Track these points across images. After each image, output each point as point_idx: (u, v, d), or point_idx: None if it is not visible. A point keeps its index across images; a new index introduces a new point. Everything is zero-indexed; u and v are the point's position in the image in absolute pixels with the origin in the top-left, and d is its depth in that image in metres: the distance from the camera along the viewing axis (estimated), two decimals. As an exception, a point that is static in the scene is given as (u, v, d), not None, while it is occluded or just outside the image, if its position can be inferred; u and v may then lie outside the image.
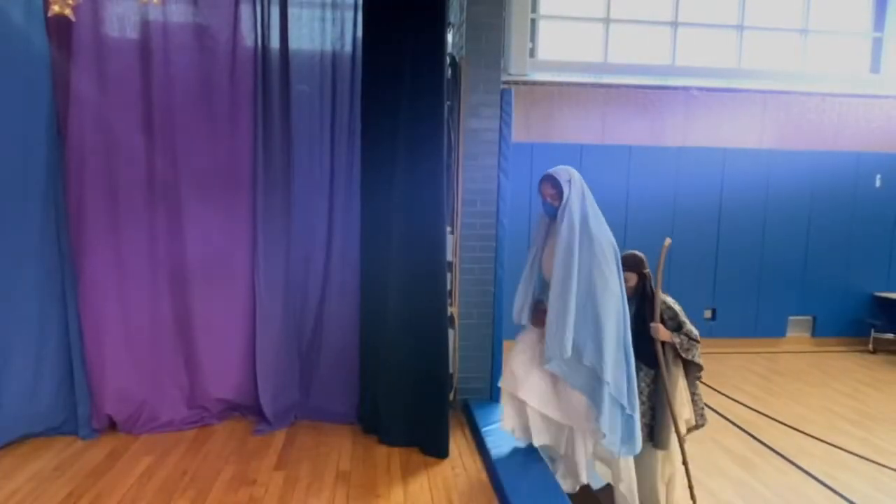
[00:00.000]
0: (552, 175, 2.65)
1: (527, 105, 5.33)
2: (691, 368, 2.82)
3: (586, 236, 2.53)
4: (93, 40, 3.03)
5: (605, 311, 2.50)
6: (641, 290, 2.83)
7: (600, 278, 2.51)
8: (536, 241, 2.78)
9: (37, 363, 3.05)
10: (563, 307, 2.49)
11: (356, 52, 3.30)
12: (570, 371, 2.55)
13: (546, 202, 2.67)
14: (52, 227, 3.05)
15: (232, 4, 3.20)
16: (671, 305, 2.83)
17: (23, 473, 2.74)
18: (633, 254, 2.85)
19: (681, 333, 2.78)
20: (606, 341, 2.48)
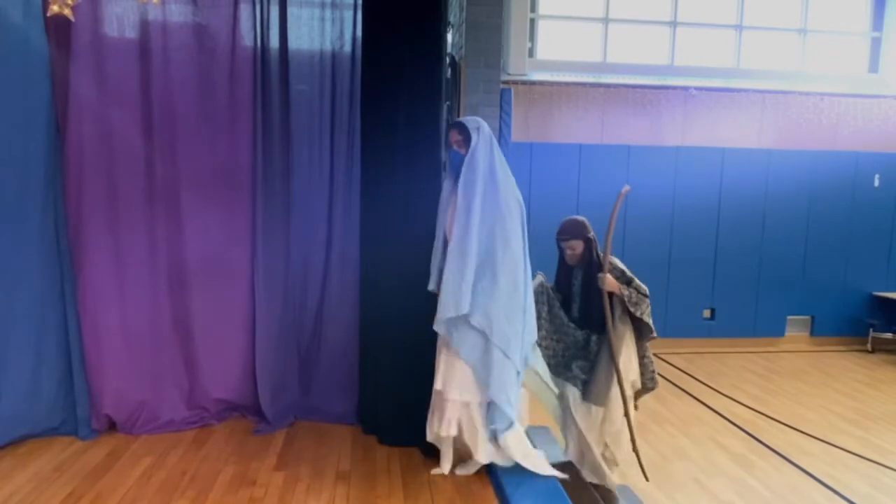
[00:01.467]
0: (460, 121, 2.59)
1: (526, 105, 5.33)
2: (643, 330, 2.74)
3: (492, 188, 2.43)
4: (92, 40, 3.03)
5: (503, 271, 2.42)
6: (588, 256, 2.76)
7: (501, 236, 2.42)
8: (443, 203, 2.65)
9: (36, 363, 3.04)
10: (461, 259, 2.39)
11: (356, 51, 3.30)
12: (459, 335, 2.46)
13: (452, 149, 2.58)
14: (51, 228, 3.04)
15: (231, 4, 3.19)
16: (616, 264, 2.79)
17: (22, 474, 2.74)
18: (575, 219, 2.79)
19: (630, 287, 2.72)
20: (498, 304, 2.39)
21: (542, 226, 5.09)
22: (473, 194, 2.40)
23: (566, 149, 5.29)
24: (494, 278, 2.42)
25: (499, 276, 2.42)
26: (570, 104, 5.46)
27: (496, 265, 2.42)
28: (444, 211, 2.61)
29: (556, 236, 2.81)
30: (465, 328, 2.46)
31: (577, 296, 2.84)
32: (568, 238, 2.79)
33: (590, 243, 2.77)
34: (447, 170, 2.64)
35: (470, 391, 2.53)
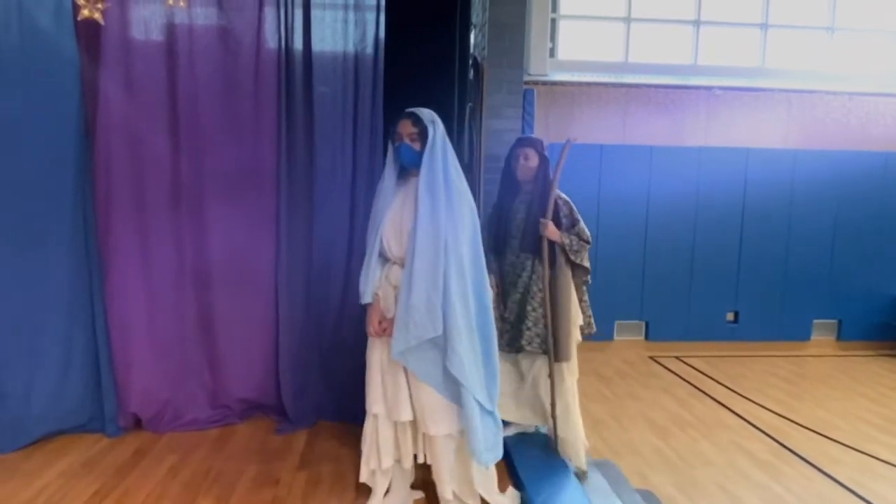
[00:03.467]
0: (414, 111, 2.25)
1: (546, 105, 5.30)
2: (578, 272, 2.74)
3: (448, 192, 2.16)
4: (120, 43, 3.07)
5: (452, 284, 2.13)
6: (542, 177, 2.74)
7: (454, 247, 2.14)
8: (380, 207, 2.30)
9: (65, 362, 3.10)
10: (433, 272, 2.11)
11: (378, 53, 3.30)
12: (416, 357, 2.17)
13: (404, 144, 2.21)
14: (80, 229, 3.09)
15: (256, 7, 3.22)
16: (567, 200, 2.76)
17: (52, 470, 2.79)
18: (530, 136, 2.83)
19: (571, 233, 2.70)
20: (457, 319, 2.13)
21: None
22: (438, 199, 2.13)
23: (587, 149, 5.25)
24: (448, 295, 2.14)
25: (451, 293, 2.14)
26: (591, 104, 5.43)
27: (448, 281, 2.14)
28: (382, 215, 2.28)
29: (514, 143, 2.81)
30: (423, 346, 2.17)
31: (519, 230, 2.78)
32: (525, 145, 2.76)
33: (544, 165, 2.73)
34: (390, 167, 2.30)
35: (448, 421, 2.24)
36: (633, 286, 5.37)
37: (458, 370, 2.13)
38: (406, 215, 2.21)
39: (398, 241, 2.25)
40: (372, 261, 2.27)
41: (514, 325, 2.81)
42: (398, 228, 2.24)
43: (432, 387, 2.20)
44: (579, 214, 2.72)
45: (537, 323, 2.74)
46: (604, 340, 5.38)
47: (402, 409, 2.28)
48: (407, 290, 2.13)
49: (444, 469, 2.30)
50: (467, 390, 2.15)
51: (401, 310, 2.14)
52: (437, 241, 2.11)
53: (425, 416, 2.24)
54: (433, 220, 2.13)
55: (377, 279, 2.29)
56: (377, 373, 2.35)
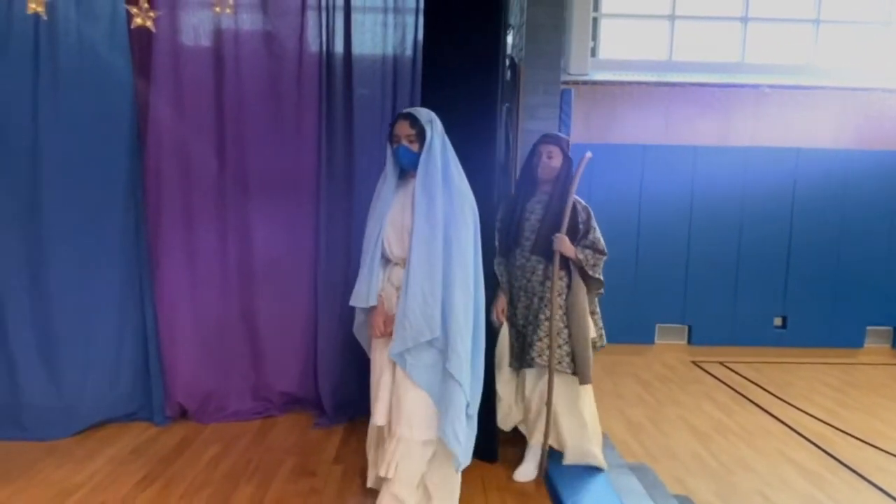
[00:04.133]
0: (411, 112, 2.22)
1: (587, 105, 5.25)
2: (592, 284, 2.61)
3: (446, 192, 2.13)
4: (170, 49, 3.20)
5: (458, 288, 2.10)
6: (564, 178, 2.58)
7: (457, 248, 2.11)
8: (378, 208, 2.28)
9: (117, 353, 3.26)
10: (430, 275, 2.08)
11: (416, 55, 3.35)
12: (412, 358, 2.12)
13: (402, 146, 2.18)
14: (132, 228, 3.25)
15: (299, 12, 3.30)
16: (586, 206, 2.63)
17: (102, 456, 2.94)
18: (556, 133, 2.70)
19: (585, 243, 2.56)
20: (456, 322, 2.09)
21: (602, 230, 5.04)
22: (435, 199, 2.09)
23: (629, 149, 5.18)
24: (450, 296, 2.11)
25: (454, 293, 2.11)
26: (633, 104, 5.35)
27: (451, 280, 2.11)
28: (381, 217, 2.25)
29: (538, 140, 2.68)
30: (421, 347, 2.13)
31: (533, 231, 2.63)
32: (550, 142, 2.61)
33: (567, 165, 2.58)
34: (389, 169, 2.27)
35: (428, 427, 2.16)
36: (675, 289, 5.26)
37: (458, 371, 2.10)
38: (407, 216, 2.18)
39: (399, 242, 2.22)
40: (375, 262, 2.23)
41: (524, 336, 2.67)
42: (399, 229, 2.21)
43: (426, 391, 2.13)
44: (596, 222, 2.59)
45: (549, 334, 2.56)
46: (644, 344, 5.29)
47: (379, 412, 2.24)
48: (404, 292, 2.11)
49: (414, 479, 2.19)
50: (462, 391, 2.11)
51: (399, 312, 2.12)
52: (433, 241, 2.08)
53: (411, 420, 2.13)
54: (429, 221, 2.09)
55: (380, 281, 2.25)
56: (376, 376, 2.31)
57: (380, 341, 2.28)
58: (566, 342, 2.57)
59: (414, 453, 2.16)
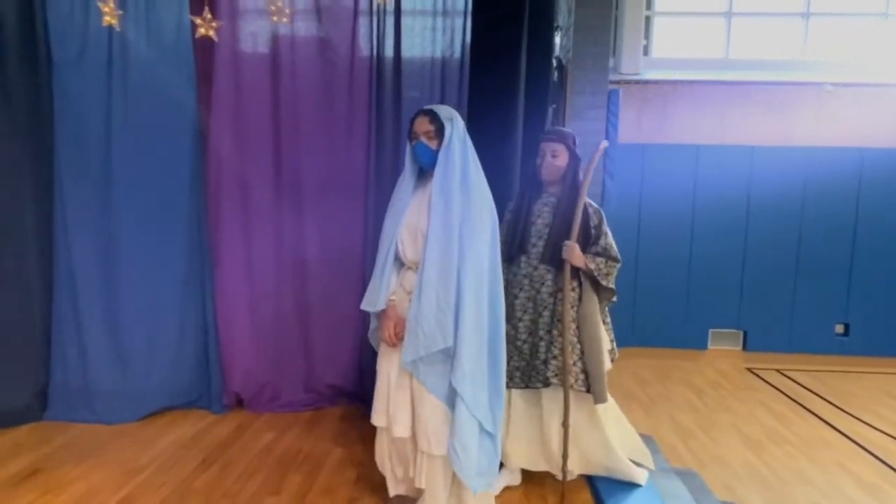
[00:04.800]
0: (431, 109, 2.12)
1: (638, 105, 5.17)
2: (604, 294, 2.41)
3: (464, 193, 2.03)
4: (230, 56, 3.35)
5: (467, 291, 1.98)
6: (571, 178, 2.36)
7: (471, 252, 2.00)
8: (395, 208, 2.19)
9: (179, 345, 3.46)
10: (446, 280, 1.97)
11: (464, 57, 3.39)
12: (425, 367, 2.03)
13: (420, 143, 2.09)
14: (194, 226, 3.44)
15: (351, 18, 3.40)
16: (598, 209, 2.42)
17: (165, 439, 3.12)
18: (560, 128, 2.46)
19: (595, 254, 2.34)
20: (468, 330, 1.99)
21: (652, 233, 4.97)
22: (452, 201, 2.00)
23: (682, 150, 5.06)
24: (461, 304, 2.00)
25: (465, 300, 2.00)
26: (687, 103, 5.22)
27: (463, 287, 2.00)
28: (398, 217, 2.16)
29: (541, 137, 2.46)
30: (434, 355, 2.03)
31: (540, 237, 2.42)
32: (554, 139, 2.37)
33: (574, 163, 2.34)
34: (408, 167, 2.19)
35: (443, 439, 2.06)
36: (730, 293, 5.11)
37: (461, 384, 1.99)
38: (422, 218, 2.09)
39: (413, 245, 2.12)
40: (387, 266, 2.13)
41: (532, 354, 2.43)
42: (413, 232, 2.11)
43: (440, 401, 2.04)
44: (608, 226, 2.38)
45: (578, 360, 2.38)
46: (696, 349, 5.16)
47: (399, 424, 2.13)
48: (417, 297, 2.00)
49: (440, 492, 2.12)
50: (466, 406, 1.99)
51: (410, 318, 2.02)
52: (449, 245, 1.98)
53: (428, 432, 2.05)
54: (445, 223, 1.99)
55: (392, 285, 2.16)
56: (384, 383, 2.21)
57: (387, 348, 2.19)
58: (579, 358, 2.36)
59: (436, 466, 2.09)
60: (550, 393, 2.43)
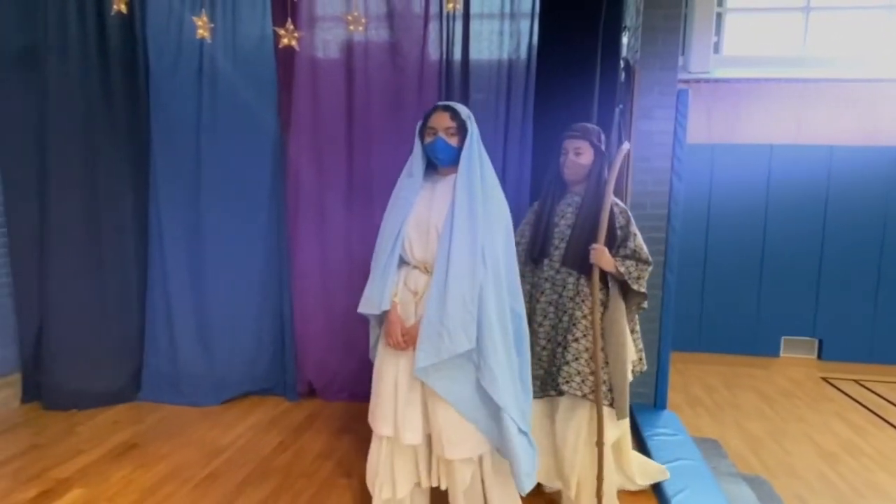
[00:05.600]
0: (450, 104, 2.05)
1: (709, 104, 5.06)
2: (633, 299, 2.23)
3: (484, 190, 1.98)
4: (309, 63, 3.53)
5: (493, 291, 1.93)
6: (596, 176, 2.22)
7: (490, 249, 1.94)
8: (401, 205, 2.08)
9: (258, 335, 3.69)
10: (470, 279, 1.89)
11: (531, 59, 3.43)
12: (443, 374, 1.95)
13: (440, 139, 2.01)
14: (274, 224, 3.65)
15: (422, 23, 3.51)
16: (624, 209, 2.27)
17: (245, 423, 3.35)
18: (585, 124, 2.31)
19: (624, 257, 2.17)
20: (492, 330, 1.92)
21: (722, 235, 4.84)
22: (475, 200, 1.94)
23: (755, 149, 4.91)
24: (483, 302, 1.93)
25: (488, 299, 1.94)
26: (760, 102, 5.06)
27: (485, 286, 1.94)
28: (400, 217, 2.06)
29: (563, 135, 2.32)
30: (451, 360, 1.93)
31: (562, 238, 2.29)
32: (577, 136, 2.23)
33: (599, 161, 2.20)
34: (417, 164, 2.11)
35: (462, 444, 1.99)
36: (805, 299, 4.91)
37: (492, 387, 1.92)
38: (435, 215, 2.00)
39: (422, 244, 2.03)
40: (391, 265, 2.03)
41: (550, 361, 2.32)
42: (424, 230, 2.02)
43: (457, 406, 1.96)
44: (636, 227, 2.24)
45: (579, 357, 2.22)
46: (768, 356, 4.99)
47: (411, 430, 2.04)
48: (440, 297, 1.90)
49: (460, 496, 2.08)
50: (504, 411, 1.94)
51: (431, 320, 1.90)
52: (474, 244, 1.91)
53: (443, 438, 1.98)
54: (471, 221, 1.92)
55: (394, 285, 2.06)
56: (389, 389, 2.07)
57: (389, 351, 2.07)
58: (602, 368, 2.20)
59: (454, 472, 2.04)
60: (566, 402, 2.30)
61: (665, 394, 3.46)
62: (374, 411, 2.12)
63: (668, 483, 2.54)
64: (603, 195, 2.20)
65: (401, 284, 2.08)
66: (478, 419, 1.99)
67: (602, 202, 2.19)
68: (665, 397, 3.46)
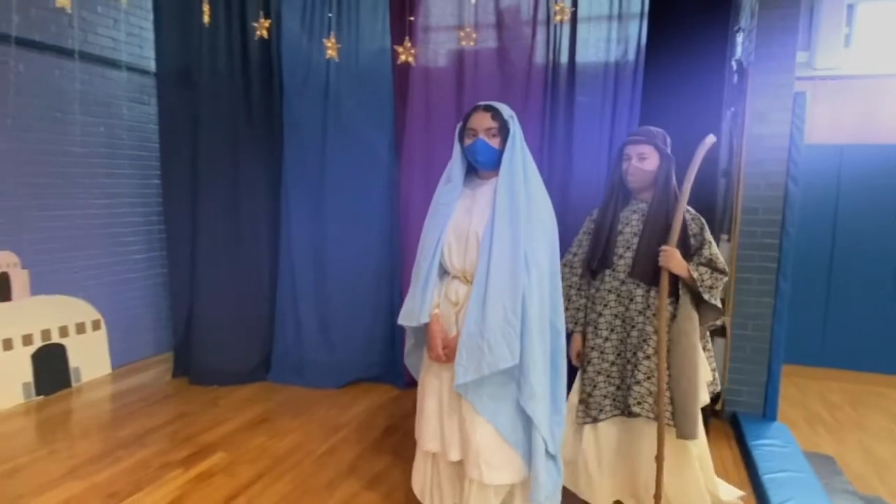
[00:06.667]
0: (491, 104, 1.92)
1: (835, 102, 4.74)
2: (707, 313, 2.07)
3: (527, 195, 1.85)
4: (423, 74, 3.76)
5: (532, 302, 1.80)
6: (664, 181, 2.05)
7: (533, 258, 1.81)
8: (440, 212, 1.99)
9: (371, 326, 4.01)
10: (512, 291, 1.78)
11: (639, 60, 3.43)
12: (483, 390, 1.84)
13: (480, 140, 1.89)
14: (387, 225, 3.95)
15: (530, 29, 3.60)
16: (696, 215, 2.11)
17: (358, 405, 3.67)
18: (648, 127, 2.15)
19: (698, 262, 2.00)
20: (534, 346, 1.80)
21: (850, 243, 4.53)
22: (518, 205, 1.82)
23: (888, 151, 4.55)
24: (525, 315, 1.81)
25: (530, 312, 1.81)
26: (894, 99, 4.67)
27: (528, 298, 1.82)
28: (441, 224, 1.97)
29: (625, 140, 2.18)
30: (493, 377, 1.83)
31: (628, 248, 2.14)
32: (641, 140, 2.08)
33: (666, 166, 2.04)
34: (456, 167, 2.01)
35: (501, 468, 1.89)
36: (948, 313, 4.48)
37: (532, 406, 1.82)
38: (476, 222, 1.91)
39: (461, 252, 1.94)
40: (431, 276, 1.94)
41: (621, 378, 2.19)
42: (464, 237, 1.92)
43: (497, 427, 1.85)
44: (710, 234, 2.09)
45: (651, 376, 2.08)
46: (899, 374, 4.60)
47: (455, 447, 1.96)
48: (479, 309, 1.80)
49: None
50: (537, 430, 1.83)
51: (471, 332, 1.81)
52: (516, 252, 1.80)
53: (481, 460, 1.86)
54: (512, 228, 1.81)
55: (435, 296, 1.97)
56: (433, 404, 2.02)
57: (433, 364, 2.01)
58: (668, 387, 2.07)
59: (487, 496, 1.93)
60: (641, 423, 2.18)
61: (775, 405, 3.34)
62: (419, 426, 2.08)
63: (772, 491, 2.49)
64: (673, 199, 2.06)
65: (442, 295, 2.00)
66: (518, 443, 1.88)
67: (672, 206, 2.05)
68: (775, 408, 3.34)
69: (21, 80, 3.63)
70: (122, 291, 4.37)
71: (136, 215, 4.46)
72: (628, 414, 2.14)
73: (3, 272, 3.56)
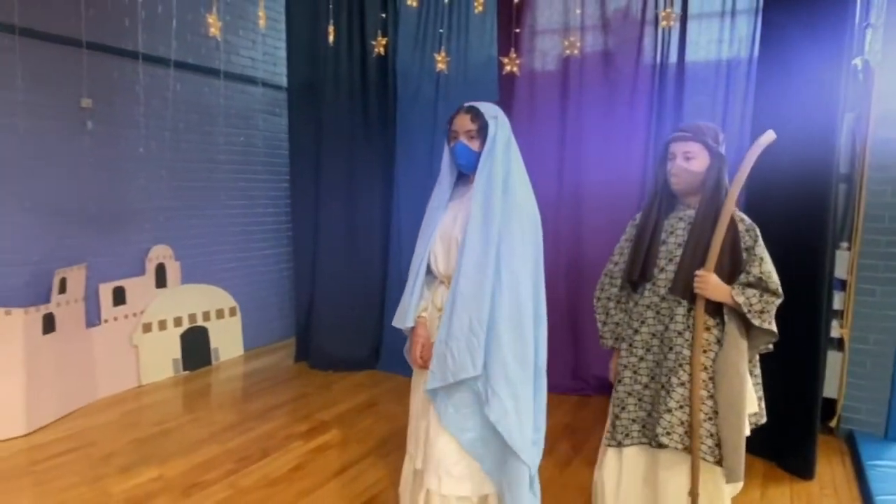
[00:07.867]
0: (474, 105, 1.84)
1: None
2: (757, 339, 1.81)
3: (505, 203, 1.75)
4: (528, 85, 3.89)
5: (505, 321, 1.72)
6: (714, 184, 1.79)
7: (508, 271, 1.73)
8: (432, 217, 1.94)
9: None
10: (480, 300, 1.70)
11: (752, 58, 3.33)
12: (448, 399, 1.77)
13: (459, 143, 1.83)
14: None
15: (638, 29, 3.61)
16: (751, 226, 1.81)
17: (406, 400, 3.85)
18: (697, 122, 1.87)
19: (746, 284, 1.75)
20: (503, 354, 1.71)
21: None
22: (492, 210, 1.74)
23: None
24: (494, 323, 1.73)
25: (500, 323, 1.73)
26: None
27: (498, 308, 1.73)
28: (431, 228, 1.93)
29: (669, 136, 1.92)
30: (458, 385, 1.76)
31: (669, 259, 1.90)
32: (688, 137, 1.81)
33: (717, 166, 1.77)
34: (446, 171, 1.94)
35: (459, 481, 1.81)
36: None
37: (501, 419, 1.72)
38: (457, 228, 1.85)
39: (446, 257, 1.89)
40: (418, 280, 1.91)
41: (653, 404, 1.93)
42: (447, 243, 1.88)
43: (460, 439, 1.78)
44: (764, 249, 1.80)
45: (683, 406, 1.83)
46: None
47: (422, 453, 1.91)
48: (448, 316, 1.75)
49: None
50: (517, 454, 1.74)
51: (440, 339, 1.77)
52: (485, 259, 1.73)
53: (440, 469, 1.80)
54: (484, 234, 1.74)
55: (421, 300, 1.93)
56: (417, 406, 2.00)
57: (419, 371, 1.95)
58: (708, 418, 1.82)
59: None
60: (669, 453, 1.91)
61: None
62: (409, 428, 2.05)
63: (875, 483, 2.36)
64: (719, 207, 1.78)
65: (430, 301, 1.97)
66: (483, 458, 1.80)
67: (718, 216, 1.77)
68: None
69: (177, 98, 4.22)
70: (254, 282, 4.92)
71: (267, 215, 5.00)
72: (657, 445, 1.89)
73: (160, 263, 4.16)
